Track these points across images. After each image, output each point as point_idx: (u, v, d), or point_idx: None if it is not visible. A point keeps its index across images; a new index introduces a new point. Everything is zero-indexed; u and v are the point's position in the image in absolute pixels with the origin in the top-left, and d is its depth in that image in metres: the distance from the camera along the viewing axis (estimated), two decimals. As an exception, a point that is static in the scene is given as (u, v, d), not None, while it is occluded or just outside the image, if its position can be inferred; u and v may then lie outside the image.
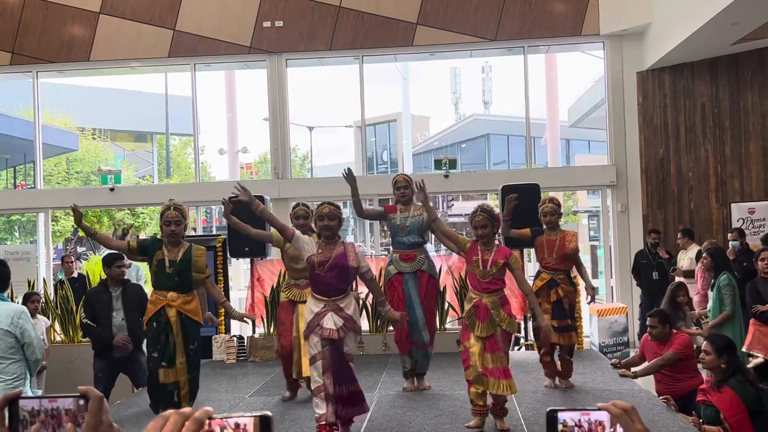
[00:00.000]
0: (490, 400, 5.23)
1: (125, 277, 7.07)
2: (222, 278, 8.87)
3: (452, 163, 11.96)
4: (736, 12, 8.62)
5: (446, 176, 11.75)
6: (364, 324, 8.63)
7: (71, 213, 5.84)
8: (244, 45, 12.10)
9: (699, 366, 5.97)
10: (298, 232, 5.17)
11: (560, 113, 19.55)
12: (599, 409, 1.23)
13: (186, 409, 1.04)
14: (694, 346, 6.42)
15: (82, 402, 1.09)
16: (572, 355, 6.48)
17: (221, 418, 1.05)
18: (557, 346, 6.41)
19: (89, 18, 12.30)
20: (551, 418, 1.23)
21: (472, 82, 39.33)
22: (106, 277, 6.99)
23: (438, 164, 11.99)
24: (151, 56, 12.38)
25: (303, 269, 5.70)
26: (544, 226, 6.52)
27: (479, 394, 5.14)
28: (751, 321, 6.92)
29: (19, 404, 1.08)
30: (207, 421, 1.04)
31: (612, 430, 1.21)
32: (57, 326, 8.98)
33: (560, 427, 1.23)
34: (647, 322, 6.78)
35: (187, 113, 14.19)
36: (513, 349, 9.40)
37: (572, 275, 6.62)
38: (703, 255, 7.73)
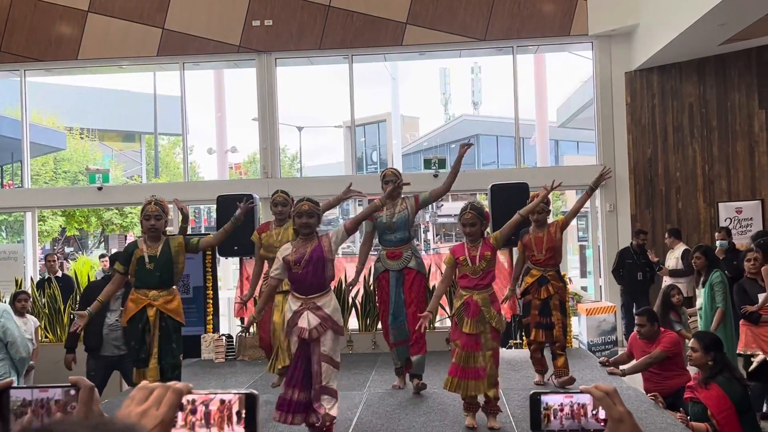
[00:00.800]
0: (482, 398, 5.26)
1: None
2: (211, 277, 8.85)
3: (442, 163, 11.99)
4: (723, 13, 8.67)
5: (435, 176, 11.77)
6: (354, 322, 8.64)
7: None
8: (234, 44, 12.08)
9: (687, 364, 6.01)
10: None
11: (549, 113, 19.62)
12: (582, 392, 1.26)
13: (169, 383, 1.07)
14: (684, 344, 6.45)
15: (72, 392, 1.09)
16: (564, 350, 6.37)
17: (205, 394, 1.07)
18: (546, 344, 6.40)
19: (77, 16, 12.25)
20: (534, 400, 1.26)
21: (462, 82, 39.46)
22: (109, 274, 6.87)
23: (428, 164, 12.02)
24: (140, 55, 12.34)
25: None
26: (532, 224, 6.42)
27: (453, 387, 5.27)
28: (741, 322, 6.96)
29: (10, 394, 1.08)
30: (190, 397, 1.06)
31: (594, 412, 1.25)
32: (45, 325, 8.93)
33: (543, 409, 1.25)
34: (636, 321, 6.82)
35: (175, 113, 14.15)
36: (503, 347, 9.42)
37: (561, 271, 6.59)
38: (696, 254, 7.71)
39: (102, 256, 13.61)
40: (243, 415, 1.07)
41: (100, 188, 12.13)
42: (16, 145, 13.92)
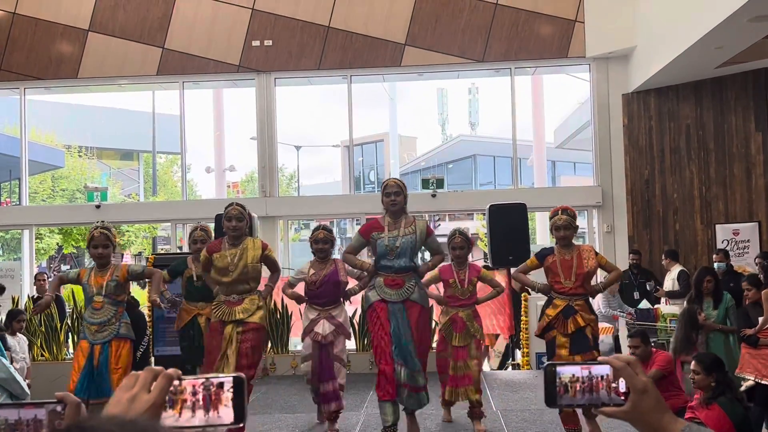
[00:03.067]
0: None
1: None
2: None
3: (439, 183, 12.02)
4: (720, 36, 8.74)
5: (433, 195, 11.80)
6: (351, 344, 8.62)
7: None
8: (233, 63, 12.14)
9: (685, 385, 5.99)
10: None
11: (546, 134, 19.69)
12: (600, 362, 1.19)
13: (157, 368, 1.08)
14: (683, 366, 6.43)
15: (59, 408, 1.08)
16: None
17: (195, 379, 1.09)
18: None
19: (78, 35, 12.31)
20: (549, 372, 1.18)
21: (459, 103, 39.55)
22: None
23: (425, 183, 12.05)
24: (140, 74, 12.39)
25: (231, 283, 5.25)
26: (555, 243, 5.43)
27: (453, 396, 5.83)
28: (742, 345, 6.97)
29: None
30: (178, 381, 1.08)
31: (614, 384, 1.17)
32: (41, 344, 8.90)
33: (559, 381, 1.17)
34: (629, 343, 6.80)
35: (173, 131, 14.19)
36: (503, 368, 9.41)
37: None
38: (707, 278, 7.62)
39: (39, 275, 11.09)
40: (232, 399, 1.09)
41: (98, 206, 12.13)
42: (15, 162, 13.93)
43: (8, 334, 7.39)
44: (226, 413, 1.08)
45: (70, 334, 9.04)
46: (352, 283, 5.99)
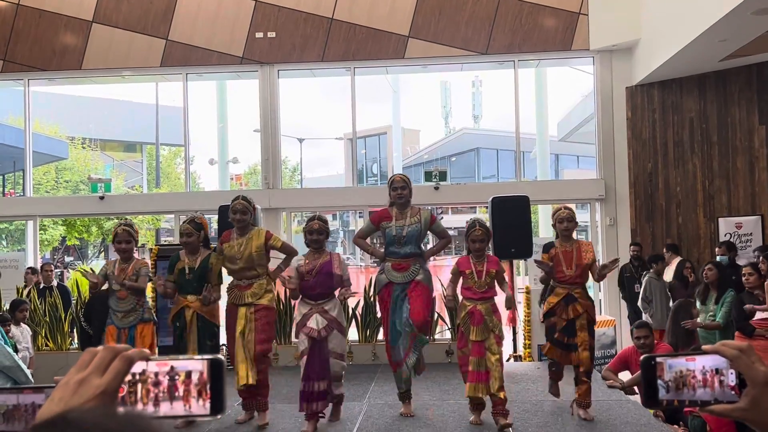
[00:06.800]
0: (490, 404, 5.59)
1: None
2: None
3: (442, 175, 12.02)
4: (724, 29, 8.73)
5: (436, 188, 11.81)
6: (353, 334, 8.65)
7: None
8: (237, 55, 12.14)
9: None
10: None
11: (549, 127, 19.68)
12: (706, 351, 1.02)
13: (119, 346, 0.92)
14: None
15: None
16: (590, 377, 5.77)
17: (165, 361, 0.94)
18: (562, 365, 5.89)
19: (82, 27, 12.32)
20: (648, 366, 1.04)
21: (462, 96, 39.58)
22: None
23: (428, 176, 12.05)
24: (143, 65, 12.40)
25: (240, 269, 5.83)
26: (556, 237, 5.89)
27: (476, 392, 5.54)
28: (736, 334, 6.97)
29: None
30: (147, 366, 0.92)
31: (722, 379, 1.02)
32: (45, 333, 8.94)
33: (671, 377, 1.02)
34: (634, 334, 6.83)
35: (177, 123, 14.19)
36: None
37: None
38: (708, 266, 7.67)
39: (46, 265, 10.85)
40: (208, 387, 0.94)
41: (101, 197, 12.16)
42: (19, 153, 13.96)
43: (11, 323, 7.44)
44: (197, 405, 0.93)
45: (74, 324, 9.08)
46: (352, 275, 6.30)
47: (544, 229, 15.24)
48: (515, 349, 8.92)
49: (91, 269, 6.29)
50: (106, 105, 28.06)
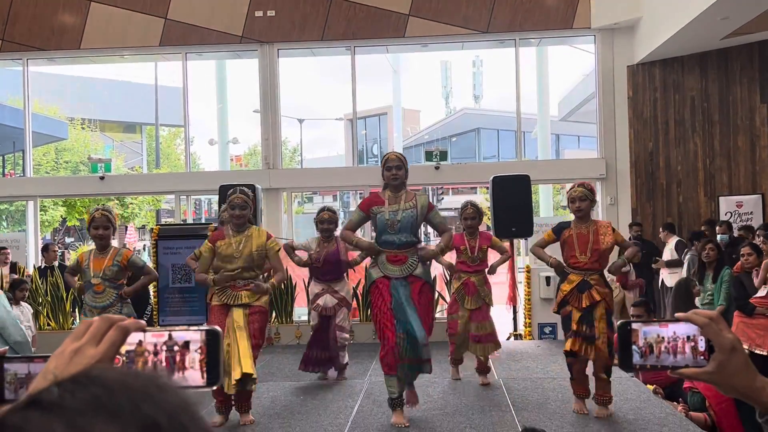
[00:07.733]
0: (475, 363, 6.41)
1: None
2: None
3: (443, 155, 12.01)
4: (725, 7, 8.68)
5: (437, 168, 11.80)
6: (355, 313, 8.69)
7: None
8: (236, 34, 12.08)
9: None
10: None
11: (550, 107, 19.65)
12: (678, 319, 1.06)
13: (115, 316, 0.90)
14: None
15: None
16: (610, 374, 5.16)
17: (161, 332, 0.92)
18: (587, 359, 5.23)
19: (80, 6, 12.24)
20: (624, 331, 1.05)
21: (463, 76, 39.47)
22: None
23: (429, 156, 12.04)
24: (142, 45, 12.34)
25: (237, 269, 5.22)
26: (572, 216, 5.33)
27: (459, 353, 6.46)
28: (735, 313, 6.98)
29: (5, 367, 1.05)
30: (144, 336, 0.91)
31: (692, 344, 1.05)
32: (47, 313, 8.98)
33: (644, 342, 1.04)
34: (632, 312, 6.85)
35: (176, 104, 14.17)
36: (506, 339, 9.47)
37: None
38: (710, 246, 7.65)
39: (52, 245, 11.01)
40: (203, 358, 0.92)
41: (102, 178, 12.16)
42: (18, 134, 13.94)
43: (12, 303, 7.46)
44: (193, 375, 0.92)
45: (76, 303, 9.12)
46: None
47: (544, 209, 15.25)
48: (515, 328, 8.95)
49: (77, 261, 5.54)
50: (105, 85, 28.00)
